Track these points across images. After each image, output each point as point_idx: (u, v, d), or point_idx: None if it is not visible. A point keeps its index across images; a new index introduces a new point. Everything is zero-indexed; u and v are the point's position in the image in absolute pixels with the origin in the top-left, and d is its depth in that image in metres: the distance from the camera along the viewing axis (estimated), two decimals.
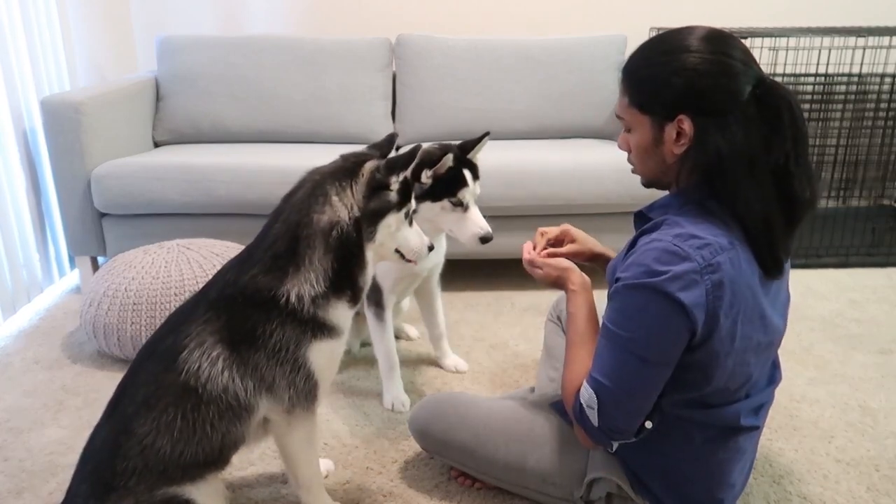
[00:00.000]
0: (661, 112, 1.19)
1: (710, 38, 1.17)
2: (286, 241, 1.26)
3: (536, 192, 2.54)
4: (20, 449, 1.74)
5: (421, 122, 3.12)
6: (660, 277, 1.10)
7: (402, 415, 1.88)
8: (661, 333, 1.13)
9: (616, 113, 1.30)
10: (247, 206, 2.56)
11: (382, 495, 1.57)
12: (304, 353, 1.26)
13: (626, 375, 1.16)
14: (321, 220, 1.25)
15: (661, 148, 1.21)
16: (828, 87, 3.25)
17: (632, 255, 1.19)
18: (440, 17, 3.40)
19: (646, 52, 1.23)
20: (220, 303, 1.26)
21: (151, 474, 1.20)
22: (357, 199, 1.27)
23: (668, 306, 1.11)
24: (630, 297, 1.15)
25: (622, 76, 1.26)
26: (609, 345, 1.19)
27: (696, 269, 1.10)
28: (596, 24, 3.38)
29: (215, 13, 3.40)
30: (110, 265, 2.18)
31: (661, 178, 1.27)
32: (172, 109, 3.06)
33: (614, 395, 1.17)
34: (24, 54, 2.59)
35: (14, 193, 2.54)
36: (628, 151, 1.30)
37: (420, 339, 2.30)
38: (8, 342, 2.31)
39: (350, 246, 1.27)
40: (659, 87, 1.18)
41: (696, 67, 1.14)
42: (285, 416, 1.31)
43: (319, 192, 1.27)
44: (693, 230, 1.14)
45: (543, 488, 1.42)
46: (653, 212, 1.27)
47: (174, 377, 1.21)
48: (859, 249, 3.00)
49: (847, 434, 1.79)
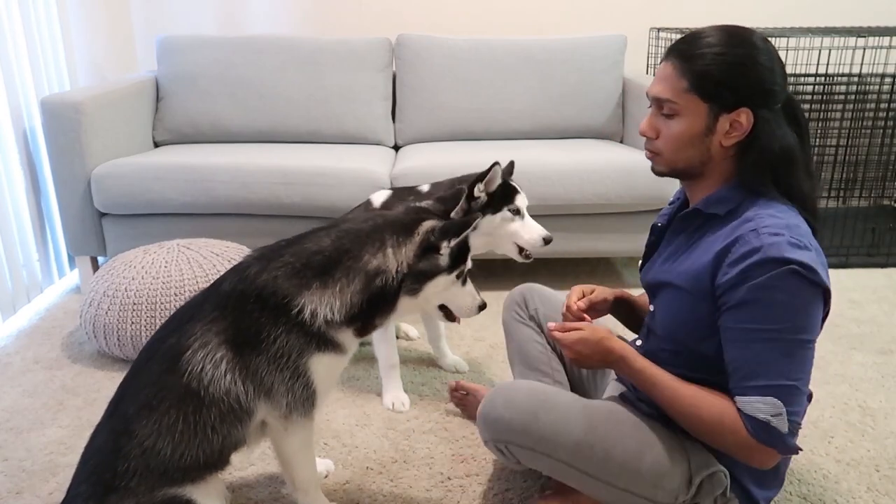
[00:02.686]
0: (726, 102, 1.18)
1: (767, 39, 1.23)
2: (326, 260, 1.26)
3: (536, 192, 2.54)
4: (20, 449, 1.74)
5: (421, 122, 3.12)
6: (801, 267, 1.11)
7: (402, 414, 1.88)
8: (814, 314, 1.15)
9: (657, 95, 1.24)
10: (247, 206, 2.56)
11: (382, 495, 1.57)
12: (305, 363, 1.26)
13: (799, 364, 1.14)
14: (371, 262, 1.27)
15: (710, 137, 1.21)
16: (828, 87, 3.25)
17: (729, 252, 1.16)
18: (440, 17, 3.40)
19: (711, 39, 1.21)
20: (230, 299, 1.25)
21: (152, 475, 1.19)
22: (407, 258, 1.28)
23: (813, 289, 1.13)
24: (777, 288, 1.12)
25: (679, 58, 1.22)
26: (768, 344, 1.13)
27: (815, 257, 1.15)
28: (596, 24, 3.38)
29: (215, 13, 3.40)
30: (110, 265, 2.18)
31: (696, 167, 1.25)
32: (172, 109, 3.06)
33: (797, 391, 1.14)
34: (24, 54, 2.59)
35: (14, 193, 2.54)
36: (655, 137, 1.27)
37: (420, 339, 2.30)
38: (8, 342, 2.31)
39: (387, 295, 1.29)
40: (732, 77, 1.18)
41: (766, 64, 1.18)
42: (283, 422, 1.31)
43: (378, 238, 1.29)
44: (789, 219, 1.16)
45: (653, 494, 1.27)
46: (712, 207, 1.24)
47: (176, 379, 1.20)
48: (859, 249, 3.00)
49: (847, 434, 1.79)
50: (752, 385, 1.14)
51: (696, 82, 1.19)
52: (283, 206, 2.56)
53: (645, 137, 1.30)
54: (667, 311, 1.31)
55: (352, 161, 2.67)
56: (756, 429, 1.14)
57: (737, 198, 1.22)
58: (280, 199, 2.55)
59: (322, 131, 3.07)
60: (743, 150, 1.22)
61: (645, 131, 1.28)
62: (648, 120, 1.28)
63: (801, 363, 1.14)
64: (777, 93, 1.20)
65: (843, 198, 3.50)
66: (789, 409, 1.12)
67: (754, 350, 1.14)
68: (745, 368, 1.15)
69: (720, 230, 1.21)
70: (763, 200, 1.20)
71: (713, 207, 1.24)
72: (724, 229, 1.20)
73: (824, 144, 3.35)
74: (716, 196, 1.25)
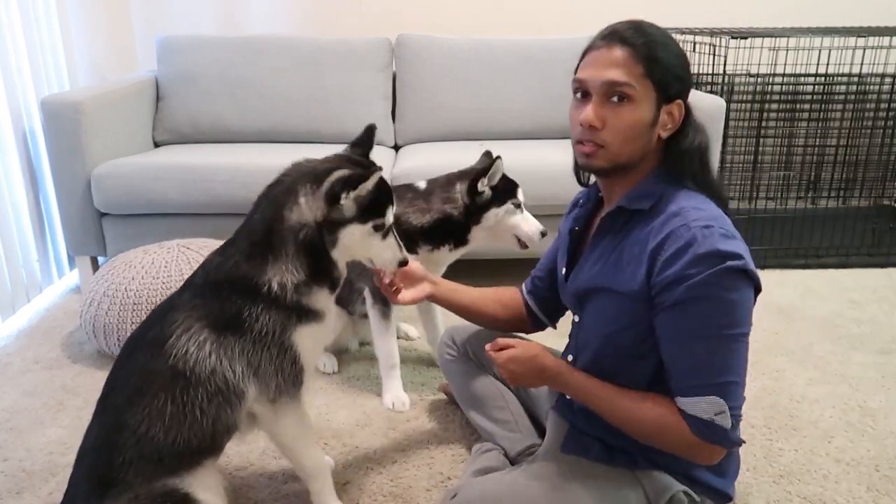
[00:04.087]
0: (670, 92, 1.18)
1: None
2: (263, 233, 1.29)
3: (536, 192, 2.54)
4: (20, 449, 1.74)
5: (421, 122, 3.12)
6: (736, 260, 1.09)
7: (402, 414, 1.88)
8: (749, 307, 1.13)
9: (613, 79, 1.15)
10: (247, 206, 2.50)
11: (382, 495, 1.57)
12: (289, 337, 1.28)
13: (737, 359, 1.13)
14: (290, 218, 1.27)
15: (653, 130, 1.19)
16: (828, 87, 3.26)
17: (662, 249, 1.13)
18: (440, 17, 3.40)
19: (652, 29, 1.20)
20: (206, 288, 1.28)
21: (148, 465, 1.20)
22: (319, 207, 1.27)
23: (747, 282, 1.12)
24: (714, 285, 1.10)
25: (626, 44, 1.17)
26: (707, 343, 1.12)
27: (743, 245, 1.13)
28: (596, 24, 3.35)
29: (215, 13, 3.40)
30: (110, 265, 2.18)
31: (635, 161, 1.21)
32: (172, 109, 3.06)
33: (737, 386, 1.13)
34: (23, 54, 2.59)
35: (14, 193, 2.54)
36: (601, 127, 1.17)
37: (420, 338, 2.30)
38: (8, 342, 2.31)
39: (316, 246, 1.29)
40: (678, 67, 1.18)
41: (687, 58, 1.22)
42: (271, 407, 1.31)
43: (291, 192, 1.29)
44: (711, 210, 1.16)
45: None
46: (636, 203, 1.21)
47: (162, 363, 1.22)
48: (859, 249, 3.00)
49: (847, 434, 1.79)
50: (692, 385, 1.13)
51: (650, 69, 1.16)
52: None
53: (583, 129, 1.19)
54: (601, 317, 1.27)
55: None
56: (700, 428, 1.13)
57: (658, 190, 1.20)
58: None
59: (322, 131, 3.07)
60: (669, 141, 1.22)
61: (592, 121, 1.17)
62: (593, 109, 1.17)
63: (739, 358, 1.13)
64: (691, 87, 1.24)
65: (843, 198, 3.50)
66: (731, 405, 1.12)
67: (693, 349, 1.13)
68: (684, 368, 1.14)
69: (648, 226, 1.18)
70: (684, 192, 1.19)
71: (637, 203, 1.21)
72: (653, 224, 1.17)
73: (824, 144, 3.36)
74: (638, 191, 1.22)
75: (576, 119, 1.21)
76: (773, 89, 3.27)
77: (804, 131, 3.38)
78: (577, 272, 1.32)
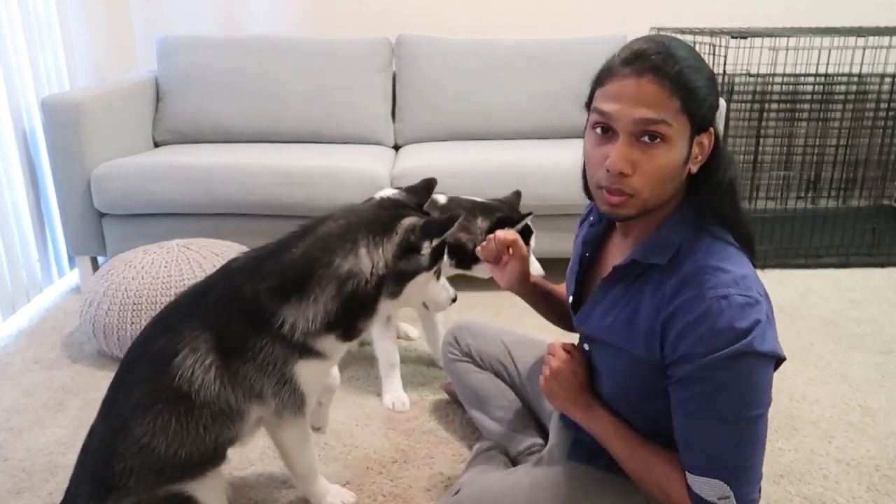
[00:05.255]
0: (704, 121, 1.03)
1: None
2: (299, 272, 1.23)
3: (536, 192, 2.54)
4: (20, 449, 1.74)
5: (421, 122, 3.12)
6: (752, 340, 0.98)
7: (402, 414, 1.88)
8: (765, 387, 1.03)
9: (645, 117, 0.99)
10: (247, 206, 2.56)
11: (382, 495, 1.57)
12: (290, 370, 1.27)
13: (750, 443, 1.03)
14: (342, 266, 1.22)
15: (686, 166, 1.04)
16: (828, 87, 3.26)
17: (674, 321, 1.03)
18: (440, 17, 3.40)
19: (680, 51, 1.02)
20: (216, 310, 1.25)
21: (149, 474, 1.20)
22: (386, 258, 1.24)
23: (765, 361, 1.02)
24: (727, 368, 1.00)
25: (657, 74, 0.99)
26: (717, 425, 1.03)
27: (764, 311, 1.02)
28: (596, 24, 3.38)
29: (215, 13, 3.40)
30: (110, 265, 2.18)
31: (663, 205, 1.07)
32: (172, 109, 3.06)
33: (747, 472, 1.03)
34: (24, 54, 2.58)
35: (14, 193, 2.54)
36: (631, 173, 1.02)
37: (420, 338, 2.30)
38: (8, 342, 2.31)
39: (363, 298, 1.24)
40: (711, 92, 1.03)
41: (714, 78, 1.06)
42: (276, 419, 1.33)
43: (349, 238, 1.24)
44: (734, 268, 1.03)
45: None
46: (652, 256, 1.08)
47: (168, 381, 1.21)
48: (859, 249, 3.00)
49: (847, 434, 1.79)
50: (699, 465, 1.05)
51: (688, 101, 1.00)
52: (283, 206, 2.56)
53: (610, 174, 1.02)
54: (609, 371, 1.20)
55: (352, 161, 2.67)
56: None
57: (677, 239, 1.07)
58: (280, 199, 2.55)
59: (322, 131, 3.07)
60: (693, 176, 1.07)
61: (623, 168, 1.01)
62: (621, 152, 1.01)
63: (752, 442, 1.03)
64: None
65: (843, 198, 3.50)
66: (739, 492, 1.03)
67: (702, 429, 1.04)
68: (692, 446, 1.06)
69: (662, 287, 1.06)
70: (706, 241, 1.06)
71: (653, 256, 1.08)
72: (667, 287, 1.05)
73: (824, 144, 3.36)
74: (655, 240, 1.08)
75: (597, 160, 1.05)
76: (773, 89, 3.27)
77: (804, 131, 3.38)
78: (588, 313, 1.21)
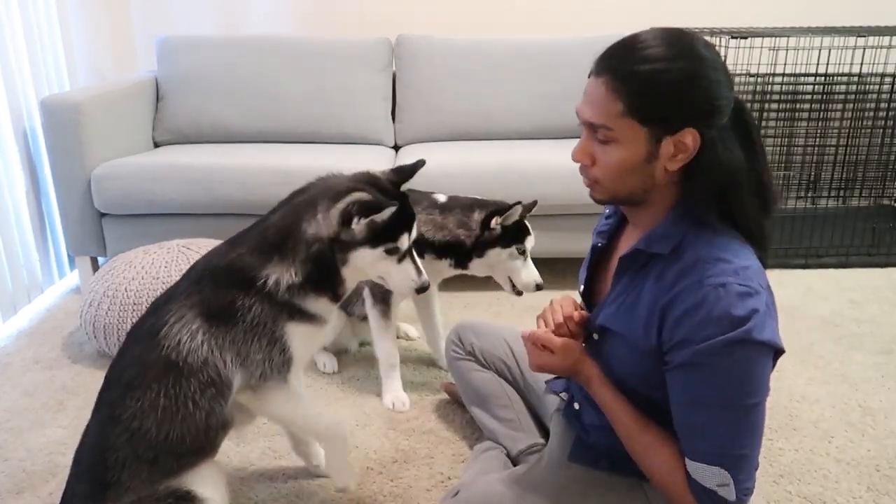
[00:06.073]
0: (669, 125, 1.03)
1: (709, 45, 1.06)
2: (278, 235, 1.31)
3: (536, 193, 2.54)
4: (20, 449, 1.74)
5: (421, 122, 3.12)
6: (748, 328, 0.99)
7: (402, 414, 1.88)
8: (763, 375, 1.04)
9: (589, 120, 1.07)
10: (247, 206, 2.56)
11: (382, 495, 1.57)
12: (281, 330, 1.29)
13: (748, 431, 1.04)
14: (307, 230, 1.29)
15: (653, 164, 1.06)
16: (828, 87, 3.25)
17: (673, 307, 1.04)
18: (440, 17, 3.40)
19: (652, 51, 1.03)
20: (204, 275, 1.30)
21: (142, 464, 1.20)
22: (332, 225, 1.29)
23: (762, 350, 1.02)
24: (723, 355, 1.01)
25: (612, 75, 1.04)
26: (714, 412, 1.04)
27: (764, 301, 1.03)
28: (596, 24, 3.37)
29: (215, 13, 3.40)
30: (110, 265, 2.18)
31: (639, 195, 1.11)
32: (172, 109, 3.06)
33: (746, 459, 1.05)
34: (23, 54, 2.59)
35: (14, 194, 2.54)
36: (590, 164, 1.10)
37: (420, 338, 2.30)
38: (8, 342, 2.31)
39: (326, 262, 1.30)
40: (675, 96, 1.02)
41: (712, 77, 1.03)
42: (252, 394, 1.32)
43: (312, 205, 1.31)
44: (735, 259, 1.04)
45: None
46: (654, 246, 1.10)
47: (156, 354, 1.22)
48: (859, 249, 3.00)
49: (847, 434, 1.79)
50: (698, 451, 1.06)
51: (634, 105, 1.02)
52: None
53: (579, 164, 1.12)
54: (615, 359, 1.20)
55: (352, 161, 2.67)
56: (701, 495, 1.07)
57: (680, 230, 1.09)
58: (280, 199, 2.54)
59: (322, 131, 3.07)
60: (688, 173, 1.07)
61: (579, 158, 1.11)
62: (582, 145, 1.10)
63: (749, 430, 1.05)
64: (724, 107, 1.05)
65: (843, 198, 3.50)
66: (738, 478, 1.04)
67: (699, 416, 1.05)
68: (690, 433, 1.07)
69: (664, 275, 1.08)
70: (708, 234, 1.07)
71: (656, 246, 1.10)
72: (668, 275, 1.07)
73: (824, 144, 3.36)
74: (658, 232, 1.11)
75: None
76: (772, 89, 3.27)
77: (804, 131, 3.37)
78: (600, 307, 1.22)
